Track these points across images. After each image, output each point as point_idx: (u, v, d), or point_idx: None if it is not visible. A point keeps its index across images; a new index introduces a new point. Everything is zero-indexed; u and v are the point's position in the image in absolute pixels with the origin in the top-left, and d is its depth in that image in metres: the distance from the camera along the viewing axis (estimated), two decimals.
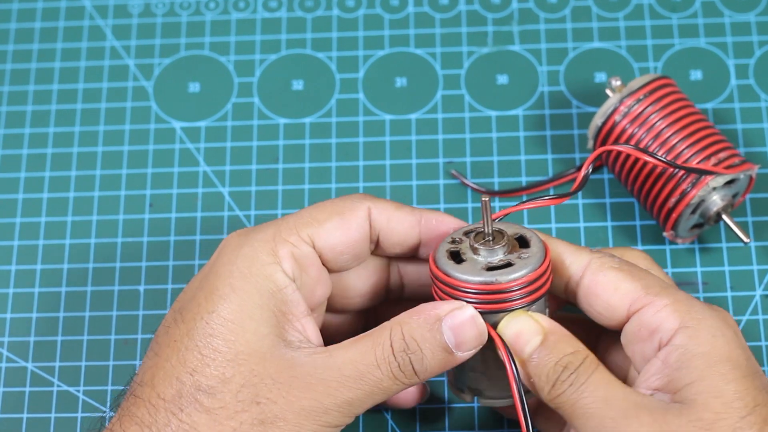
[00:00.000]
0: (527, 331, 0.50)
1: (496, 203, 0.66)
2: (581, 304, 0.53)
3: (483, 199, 0.51)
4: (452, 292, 0.51)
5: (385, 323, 0.51)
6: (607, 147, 0.54)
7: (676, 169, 0.59)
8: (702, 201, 0.60)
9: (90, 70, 0.71)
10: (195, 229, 0.66)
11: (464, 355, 0.50)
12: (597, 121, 0.62)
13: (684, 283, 0.63)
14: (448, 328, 0.50)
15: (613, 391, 0.49)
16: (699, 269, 0.63)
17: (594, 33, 0.70)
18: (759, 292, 0.63)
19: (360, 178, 0.67)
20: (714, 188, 0.60)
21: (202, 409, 0.49)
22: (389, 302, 0.58)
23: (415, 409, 0.61)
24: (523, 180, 0.66)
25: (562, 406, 0.49)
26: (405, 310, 0.58)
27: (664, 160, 0.56)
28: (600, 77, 0.69)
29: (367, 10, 0.72)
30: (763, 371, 0.53)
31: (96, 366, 0.63)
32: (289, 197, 0.67)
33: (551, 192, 0.66)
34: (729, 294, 0.63)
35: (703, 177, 0.59)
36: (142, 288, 0.65)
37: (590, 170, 0.53)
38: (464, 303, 0.50)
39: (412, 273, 0.57)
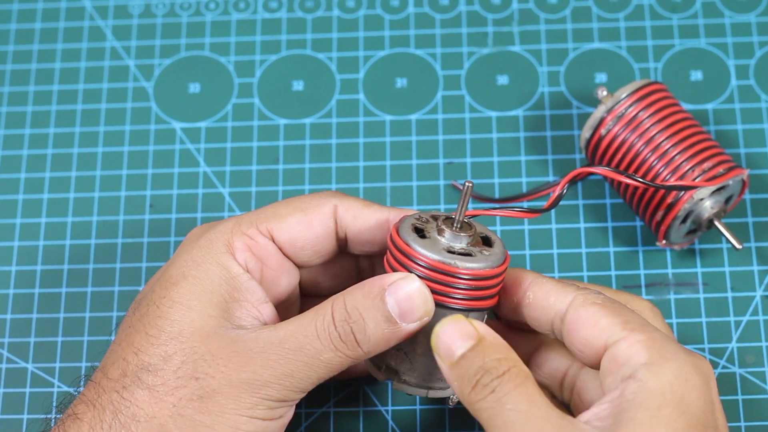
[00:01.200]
0: (462, 334, 0.49)
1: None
2: (565, 341, 0.51)
3: (467, 183, 0.51)
4: (406, 262, 0.50)
5: (331, 296, 0.51)
6: (585, 170, 0.54)
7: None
8: (691, 211, 0.60)
9: (90, 70, 0.71)
10: None
11: (410, 327, 0.49)
12: (585, 134, 0.62)
13: (684, 284, 0.63)
14: (392, 297, 0.49)
15: (536, 410, 0.46)
16: (699, 270, 0.63)
17: (594, 33, 0.70)
18: (759, 292, 0.63)
19: (360, 179, 0.67)
20: (701, 198, 0.59)
21: (143, 386, 0.50)
22: None
23: (416, 409, 0.61)
24: (524, 180, 0.66)
25: (481, 413, 0.47)
26: None
27: (643, 181, 0.55)
28: (600, 78, 0.69)
29: (368, 10, 0.72)
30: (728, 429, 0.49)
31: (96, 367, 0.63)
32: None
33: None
34: (729, 294, 0.63)
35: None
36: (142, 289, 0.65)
37: (565, 190, 0.53)
38: (411, 274, 0.50)
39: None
